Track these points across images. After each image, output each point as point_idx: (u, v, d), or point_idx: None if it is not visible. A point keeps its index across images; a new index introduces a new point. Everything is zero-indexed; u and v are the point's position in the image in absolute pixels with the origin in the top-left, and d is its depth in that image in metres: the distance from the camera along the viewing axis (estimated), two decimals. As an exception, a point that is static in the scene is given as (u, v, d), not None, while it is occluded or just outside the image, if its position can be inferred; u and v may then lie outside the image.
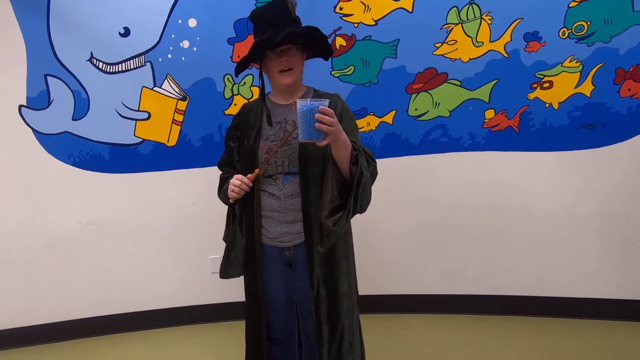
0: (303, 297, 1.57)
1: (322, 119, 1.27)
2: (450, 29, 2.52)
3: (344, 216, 1.40)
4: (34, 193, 2.70)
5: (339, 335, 1.56)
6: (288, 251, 1.55)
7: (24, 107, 2.61)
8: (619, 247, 2.61)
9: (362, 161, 1.43)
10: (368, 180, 1.45)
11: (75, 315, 2.84)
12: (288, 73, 1.50)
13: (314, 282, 1.52)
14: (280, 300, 1.60)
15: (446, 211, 2.79)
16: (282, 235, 1.54)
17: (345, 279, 1.58)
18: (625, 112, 2.50)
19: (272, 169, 1.52)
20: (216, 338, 2.72)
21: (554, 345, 2.41)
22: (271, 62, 1.50)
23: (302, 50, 1.53)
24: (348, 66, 2.62)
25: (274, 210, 1.54)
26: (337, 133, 1.33)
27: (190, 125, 2.71)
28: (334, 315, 1.55)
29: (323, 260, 1.52)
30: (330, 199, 1.41)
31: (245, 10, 2.50)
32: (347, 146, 1.40)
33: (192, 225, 2.84)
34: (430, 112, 2.67)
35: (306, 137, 1.31)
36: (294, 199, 1.51)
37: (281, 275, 1.59)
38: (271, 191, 1.54)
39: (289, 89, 1.56)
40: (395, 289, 2.90)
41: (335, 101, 1.57)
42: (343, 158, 1.41)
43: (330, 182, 1.42)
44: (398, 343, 2.53)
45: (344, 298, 1.56)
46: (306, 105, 1.28)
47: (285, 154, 1.51)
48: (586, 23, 2.41)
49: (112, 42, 2.56)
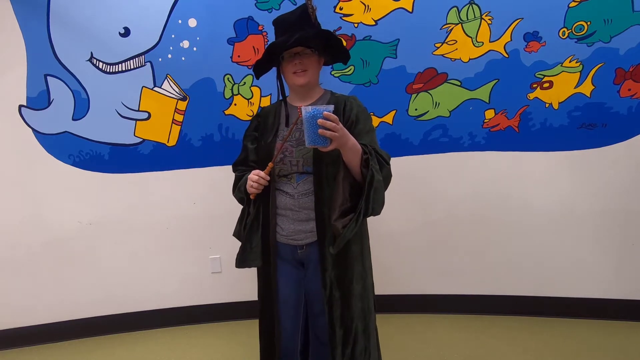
0: (314, 297, 1.57)
1: (324, 124, 1.28)
2: (450, 29, 2.52)
3: (354, 219, 1.40)
4: (34, 193, 2.70)
5: (353, 338, 1.55)
6: (301, 249, 1.55)
7: (24, 107, 2.61)
8: (619, 247, 2.61)
9: (374, 164, 1.43)
10: (380, 184, 1.44)
11: (75, 315, 2.84)
12: (301, 74, 1.53)
13: (326, 283, 1.52)
14: (289, 300, 1.60)
15: (446, 211, 2.79)
16: (295, 232, 1.54)
17: (360, 281, 1.57)
18: (625, 112, 2.50)
19: (287, 169, 1.54)
20: (216, 338, 2.72)
21: (554, 345, 2.41)
22: (286, 64, 1.54)
23: (318, 53, 1.56)
24: (348, 66, 2.62)
25: (287, 208, 1.55)
26: (342, 139, 1.34)
27: (190, 125, 2.71)
28: (348, 317, 1.54)
29: (336, 262, 1.52)
30: (342, 202, 1.42)
31: (245, 10, 2.55)
32: (356, 151, 1.41)
33: (192, 225, 2.84)
34: (430, 112, 2.67)
35: (311, 142, 1.33)
36: (307, 197, 1.53)
37: (293, 274, 1.59)
38: (285, 189, 1.55)
39: (303, 89, 1.58)
40: (395, 289, 2.90)
41: (352, 103, 1.58)
42: (353, 162, 1.42)
43: (341, 184, 1.43)
44: (398, 343, 2.53)
45: (357, 300, 1.55)
46: (310, 112, 1.30)
47: (300, 154, 1.52)
48: (586, 23, 2.41)
49: (112, 42, 2.56)
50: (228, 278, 2.87)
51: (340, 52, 1.60)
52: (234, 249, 1.70)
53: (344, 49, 1.60)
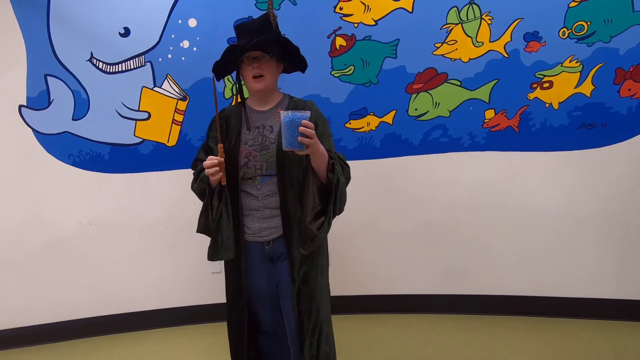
0: (284, 292, 1.66)
1: (305, 132, 1.36)
2: (450, 29, 2.52)
3: (327, 220, 1.54)
4: (34, 193, 2.70)
5: (319, 328, 1.66)
6: (267, 245, 1.64)
7: (24, 107, 2.61)
8: (619, 247, 2.62)
9: (338, 168, 1.55)
10: (344, 186, 1.58)
11: (75, 315, 2.84)
12: (259, 79, 1.59)
13: (295, 279, 1.62)
14: (265, 294, 1.69)
15: (446, 211, 2.79)
16: (261, 230, 1.63)
17: (324, 273, 1.71)
18: (625, 112, 2.50)
19: (251, 172, 1.60)
20: (216, 338, 2.72)
21: (554, 345, 2.41)
22: (245, 68, 1.61)
23: (276, 60, 1.61)
24: (348, 66, 2.62)
25: (252, 208, 1.62)
26: (315, 145, 1.44)
27: (190, 125, 2.71)
28: (315, 310, 1.64)
29: (303, 259, 1.62)
30: (313, 205, 1.53)
31: (245, 10, 2.54)
32: (325, 156, 1.52)
33: (192, 225, 2.81)
34: (430, 112, 2.67)
35: (289, 146, 1.41)
36: (271, 198, 1.61)
37: (264, 270, 1.68)
38: (250, 191, 1.62)
39: (261, 94, 1.65)
40: (395, 289, 2.90)
41: (310, 108, 1.65)
42: (321, 167, 1.52)
43: (311, 188, 1.53)
44: (398, 343, 2.53)
45: (322, 292, 1.68)
46: (289, 117, 1.37)
47: (264, 158, 1.59)
48: (586, 23, 2.41)
49: (112, 42, 2.56)
50: (228, 278, 2.87)
51: (298, 60, 1.66)
52: (234, 249, 1.70)
53: (302, 57, 1.66)
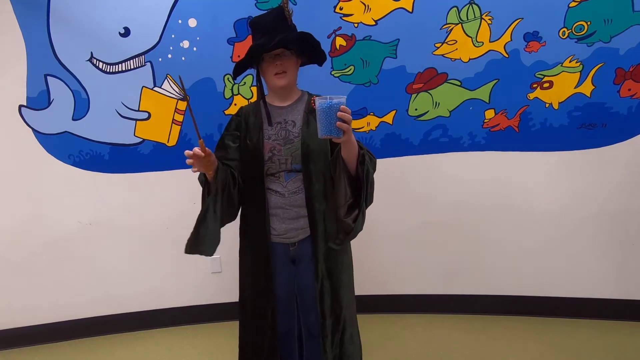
0: (305, 291, 1.61)
1: (343, 117, 1.32)
2: (450, 29, 2.52)
3: (361, 212, 1.50)
4: (34, 193, 2.70)
5: (342, 326, 1.62)
6: (292, 247, 1.60)
7: (24, 107, 2.61)
8: (619, 247, 2.61)
9: (368, 159, 1.51)
10: (373, 177, 1.56)
11: (75, 315, 2.84)
12: (282, 75, 1.57)
13: (318, 275, 1.58)
14: (282, 297, 1.64)
15: (446, 211, 2.79)
16: (287, 231, 1.59)
17: (347, 271, 1.66)
18: (625, 112, 2.50)
19: (275, 167, 1.57)
20: (216, 338, 2.72)
21: (554, 345, 2.41)
22: (266, 66, 1.58)
23: (296, 55, 1.60)
24: (348, 66, 2.62)
25: (278, 207, 1.59)
26: (351, 132, 1.40)
27: (190, 125, 2.71)
28: (337, 306, 1.61)
29: (327, 254, 1.59)
30: (345, 198, 1.50)
31: (245, 10, 2.55)
32: (356, 146, 1.48)
33: (192, 225, 2.83)
34: (430, 112, 2.67)
35: (326, 133, 1.34)
36: (297, 195, 1.57)
37: (285, 272, 1.63)
38: (275, 188, 1.59)
39: (283, 91, 1.63)
40: (395, 289, 2.90)
41: None
42: (352, 157, 1.48)
43: (342, 181, 1.50)
44: (398, 343, 2.53)
45: (346, 290, 1.64)
46: (327, 103, 1.32)
47: (288, 152, 1.56)
48: (586, 23, 2.41)
49: (112, 42, 2.56)
50: (228, 278, 2.87)
51: (318, 54, 1.65)
52: (233, 249, 1.71)
53: (322, 51, 1.65)
